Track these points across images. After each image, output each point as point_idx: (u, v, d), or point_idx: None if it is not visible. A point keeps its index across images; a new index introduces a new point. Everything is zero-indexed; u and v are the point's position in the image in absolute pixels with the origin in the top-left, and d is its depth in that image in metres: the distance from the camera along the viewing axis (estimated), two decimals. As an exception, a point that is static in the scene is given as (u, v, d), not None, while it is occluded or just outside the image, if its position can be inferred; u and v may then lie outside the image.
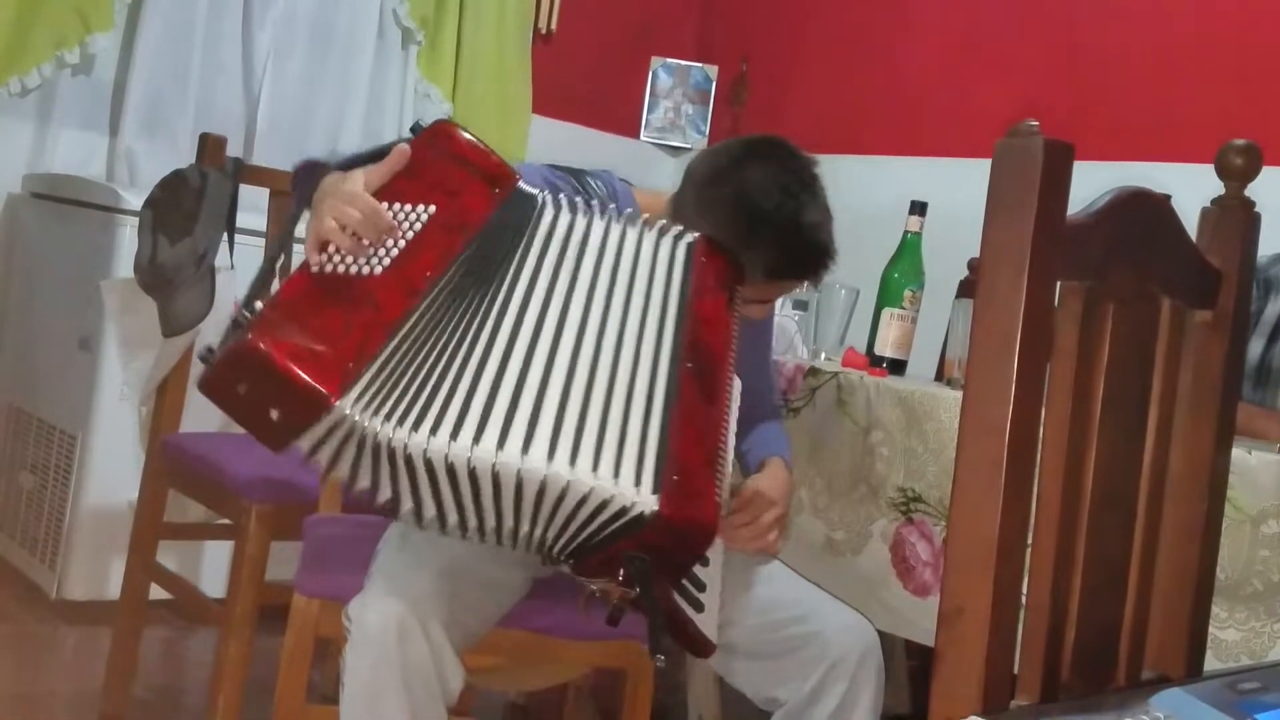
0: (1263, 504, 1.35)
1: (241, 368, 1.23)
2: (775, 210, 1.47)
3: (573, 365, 1.30)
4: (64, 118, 2.92)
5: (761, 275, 1.49)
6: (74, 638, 2.52)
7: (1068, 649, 0.98)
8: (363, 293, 1.27)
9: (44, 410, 2.73)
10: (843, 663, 1.47)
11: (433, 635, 1.33)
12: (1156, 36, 2.79)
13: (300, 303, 1.26)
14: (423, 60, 3.36)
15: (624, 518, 1.25)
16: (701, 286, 1.41)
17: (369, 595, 1.35)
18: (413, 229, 1.32)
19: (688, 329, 1.37)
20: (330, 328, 1.24)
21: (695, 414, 1.32)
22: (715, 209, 1.48)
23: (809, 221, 1.49)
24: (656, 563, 1.28)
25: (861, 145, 3.33)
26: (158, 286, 2.12)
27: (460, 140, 1.39)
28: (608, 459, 1.25)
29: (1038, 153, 0.88)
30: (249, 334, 1.21)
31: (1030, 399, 0.88)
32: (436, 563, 1.39)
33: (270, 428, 1.25)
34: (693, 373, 1.35)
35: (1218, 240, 1.11)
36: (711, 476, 1.30)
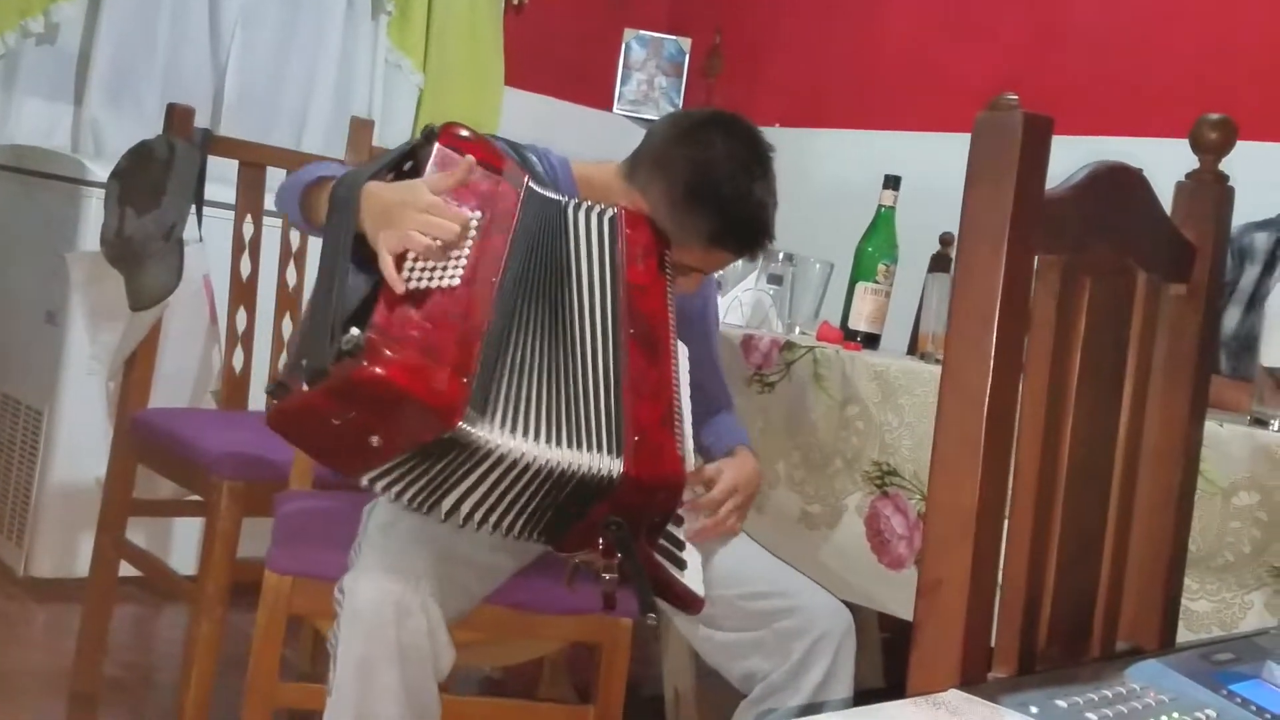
0: (1234, 476, 1.36)
1: (356, 396, 1.22)
2: (728, 179, 1.50)
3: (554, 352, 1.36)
4: (28, 87, 2.87)
5: (702, 240, 1.52)
6: (43, 615, 2.50)
7: (1044, 620, 0.99)
8: (452, 304, 1.29)
9: (9, 385, 2.70)
10: (827, 638, 1.51)
11: (430, 612, 1.33)
12: (1132, 11, 2.79)
13: (399, 323, 1.25)
14: (393, 30, 3.32)
15: (593, 485, 1.30)
16: (631, 255, 1.46)
17: (365, 571, 1.35)
18: (470, 236, 1.34)
19: (624, 298, 1.42)
20: (435, 344, 1.25)
21: (644, 376, 1.39)
22: (672, 167, 1.52)
23: (757, 198, 1.52)
24: (632, 523, 1.32)
25: (836, 119, 3.32)
26: (125, 259, 2.09)
27: (478, 144, 1.42)
28: (575, 434, 1.31)
29: (1017, 126, 0.87)
30: (364, 361, 1.19)
31: (1009, 371, 0.88)
32: (434, 543, 1.39)
33: (363, 455, 1.26)
34: (635, 338, 1.41)
35: (1192, 214, 1.11)
36: (670, 432, 1.37)
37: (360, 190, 1.33)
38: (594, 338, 1.39)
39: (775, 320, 2.20)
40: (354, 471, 1.29)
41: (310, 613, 1.66)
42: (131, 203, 2.08)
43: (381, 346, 1.21)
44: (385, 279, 1.27)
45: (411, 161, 1.42)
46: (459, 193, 1.35)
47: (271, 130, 3.12)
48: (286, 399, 1.25)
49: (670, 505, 1.38)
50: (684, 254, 1.53)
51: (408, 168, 1.42)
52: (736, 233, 1.52)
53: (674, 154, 1.53)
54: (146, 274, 2.07)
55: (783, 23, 3.54)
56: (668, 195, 1.51)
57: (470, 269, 1.31)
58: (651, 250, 1.49)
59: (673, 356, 1.44)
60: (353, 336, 1.20)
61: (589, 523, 1.33)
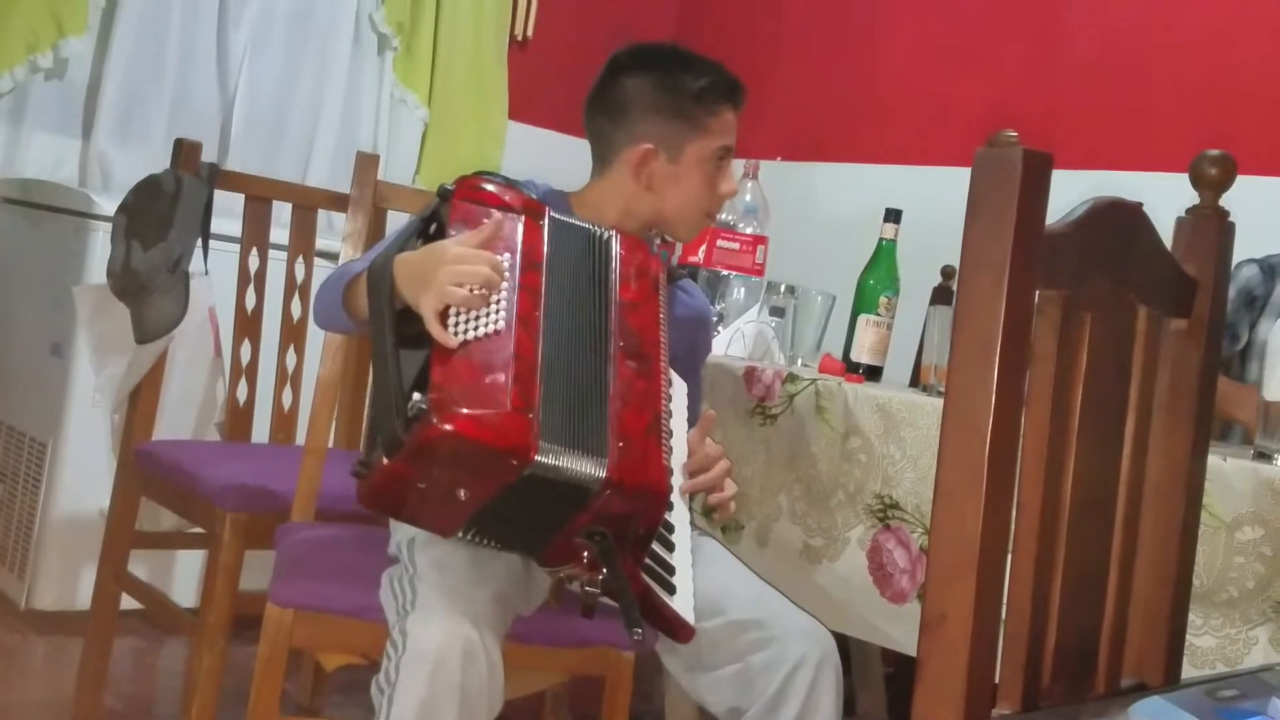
0: (1238, 510, 1.36)
1: (433, 455, 1.27)
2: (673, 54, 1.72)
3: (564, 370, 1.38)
4: (36, 121, 2.89)
5: (704, 107, 1.67)
6: (44, 648, 2.49)
7: (1048, 655, 0.98)
8: (502, 347, 1.33)
9: (14, 417, 2.70)
10: (802, 669, 1.48)
11: (491, 655, 1.33)
12: (1131, 46, 2.81)
13: (457, 377, 1.29)
14: (399, 66, 3.35)
15: (576, 489, 1.31)
16: (624, 275, 1.50)
17: (429, 613, 1.33)
18: (504, 278, 1.37)
19: (615, 315, 1.45)
20: (494, 389, 1.29)
21: (632, 388, 1.41)
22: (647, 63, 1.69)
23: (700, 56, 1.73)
24: (616, 535, 1.33)
25: (837, 153, 3.34)
26: (131, 292, 2.10)
27: (493, 190, 1.46)
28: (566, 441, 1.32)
29: (1017, 162, 0.88)
30: (433, 420, 1.24)
31: (1011, 406, 0.88)
32: (488, 582, 1.39)
33: (452, 508, 1.31)
34: (625, 352, 1.43)
35: (1193, 249, 1.12)
36: (656, 443, 1.38)
37: (391, 264, 1.37)
38: (588, 349, 1.41)
39: (777, 352, 2.20)
40: (451, 528, 1.35)
41: (312, 645, 1.65)
42: (138, 236, 2.09)
43: (445, 404, 1.26)
44: (435, 339, 1.31)
45: (435, 224, 1.45)
46: (498, 236, 1.39)
47: (277, 164, 3.14)
48: (371, 475, 1.31)
49: (655, 517, 1.37)
50: (718, 134, 1.68)
51: (433, 230, 1.45)
52: (728, 81, 1.70)
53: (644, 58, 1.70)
54: (152, 307, 2.08)
55: (783, 57, 3.57)
56: (654, 108, 1.65)
57: (511, 309, 1.35)
58: (645, 272, 1.52)
59: (662, 374, 1.46)
60: (415, 402, 1.26)
61: (570, 531, 1.34)
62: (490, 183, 1.47)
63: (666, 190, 1.69)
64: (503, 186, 1.48)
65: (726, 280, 2.33)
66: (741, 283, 2.32)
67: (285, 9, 3.17)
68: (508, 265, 1.38)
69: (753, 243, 2.43)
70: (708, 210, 1.74)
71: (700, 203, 1.71)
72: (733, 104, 1.71)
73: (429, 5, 3.32)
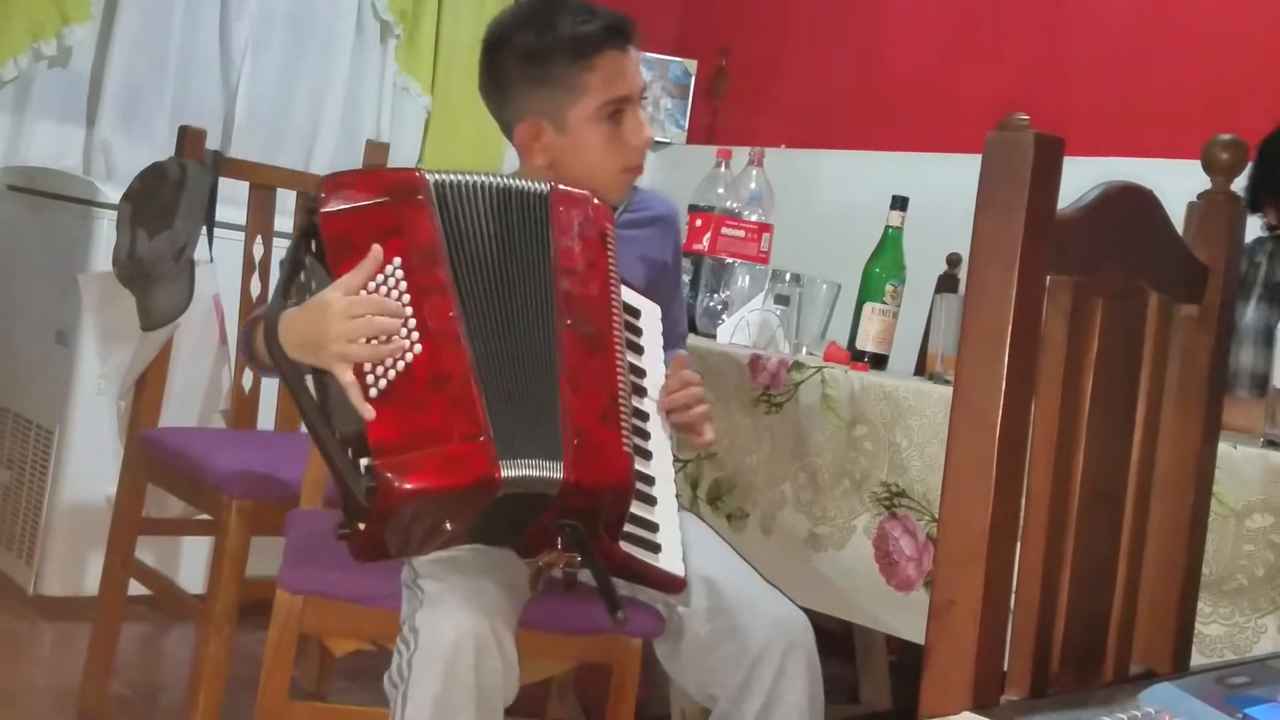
0: (1247, 498, 1.35)
1: (403, 514, 1.27)
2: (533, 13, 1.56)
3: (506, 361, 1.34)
4: (40, 110, 2.89)
5: (581, 64, 1.53)
6: (51, 633, 2.50)
7: (1057, 643, 0.98)
8: (427, 371, 1.27)
9: (20, 405, 2.70)
10: (765, 659, 1.43)
11: (505, 649, 1.32)
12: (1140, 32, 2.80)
13: (395, 429, 1.25)
14: (401, 54, 3.34)
15: (537, 495, 1.30)
16: (564, 236, 1.40)
17: (441, 608, 1.31)
18: (404, 290, 1.30)
19: (558, 285, 1.37)
20: (435, 427, 1.26)
21: (582, 371, 1.35)
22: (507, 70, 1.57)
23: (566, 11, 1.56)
24: (587, 524, 1.32)
25: (842, 140, 3.33)
26: (136, 280, 2.10)
27: (357, 182, 1.36)
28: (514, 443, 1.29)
29: (1028, 147, 0.88)
30: (388, 487, 1.23)
31: (1021, 393, 0.88)
32: (495, 574, 1.38)
33: (445, 538, 1.34)
34: (572, 329, 1.36)
35: (1204, 234, 1.11)
36: (614, 430, 1.34)
37: (277, 328, 1.31)
38: (530, 333, 1.36)
39: (782, 341, 2.20)
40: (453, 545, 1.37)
41: (321, 631, 1.65)
42: (143, 224, 2.09)
43: (393, 466, 1.23)
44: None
45: (315, 242, 1.36)
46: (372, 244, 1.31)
47: (280, 152, 3.14)
48: (354, 540, 1.31)
49: (622, 505, 1.35)
50: (598, 91, 1.54)
51: (315, 250, 1.36)
52: (586, 32, 1.53)
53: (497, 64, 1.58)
54: (158, 294, 2.08)
55: (788, 44, 3.55)
56: (526, 81, 1.55)
57: (421, 323, 1.28)
58: (589, 226, 1.42)
59: (617, 344, 1.39)
60: (362, 477, 1.24)
61: (541, 526, 1.33)
62: (348, 183, 1.35)
63: (567, 161, 1.57)
64: (365, 176, 1.39)
65: (731, 268, 2.32)
66: (746, 271, 2.31)
67: (288, -3, 3.17)
68: (395, 279, 1.30)
69: (757, 231, 2.42)
70: (624, 166, 1.60)
71: (609, 163, 1.58)
72: (614, 46, 1.54)
73: (432, -8, 3.31)
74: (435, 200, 1.36)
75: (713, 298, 2.28)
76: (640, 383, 1.46)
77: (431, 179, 1.37)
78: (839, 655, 1.56)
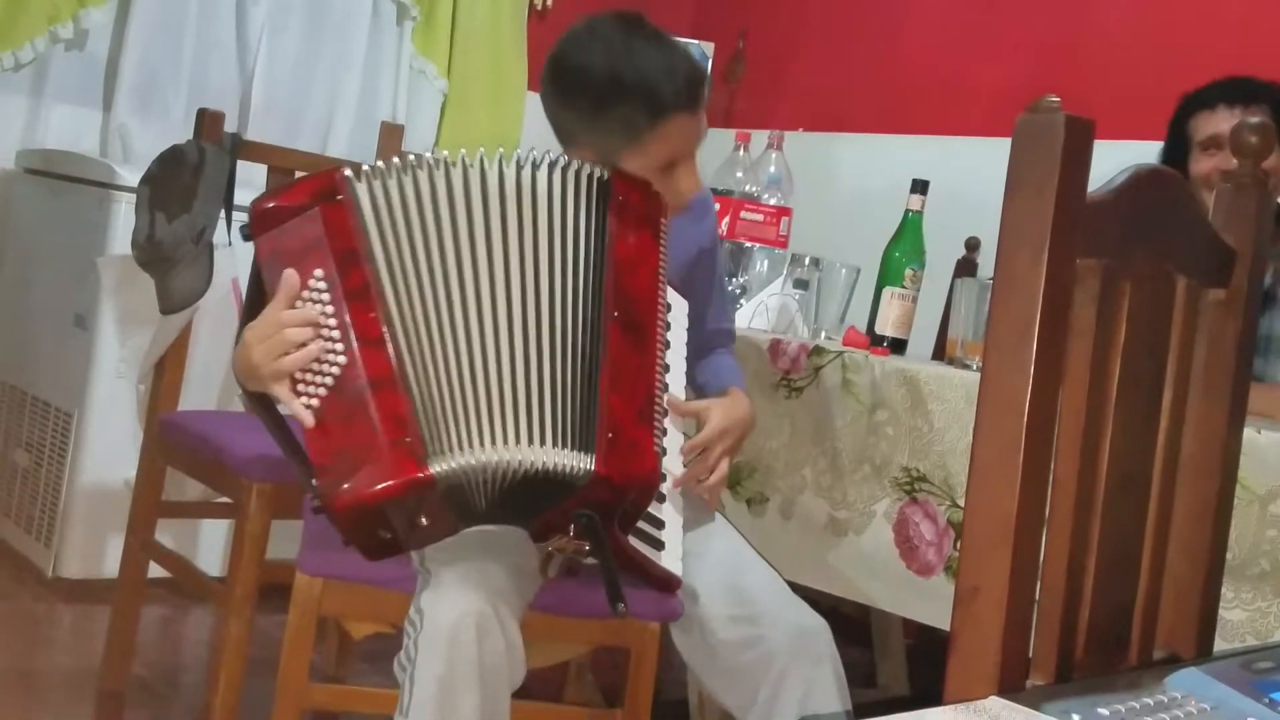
0: (1271, 483, 1.35)
1: (358, 523, 1.30)
2: (611, 65, 1.44)
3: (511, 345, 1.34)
4: (57, 93, 2.89)
5: (651, 122, 1.42)
6: (71, 615, 2.52)
7: (1082, 628, 0.98)
8: (353, 384, 1.28)
9: (39, 388, 2.72)
10: (791, 673, 1.44)
11: (508, 629, 1.33)
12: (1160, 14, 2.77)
13: (329, 444, 1.28)
14: (418, 36, 3.33)
15: (565, 481, 1.31)
16: (621, 227, 1.39)
17: (443, 590, 1.33)
18: (327, 302, 1.31)
19: (609, 277, 1.37)
20: (360, 438, 1.27)
21: (624, 367, 1.35)
22: (565, 99, 1.48)
23: (647, 58, 1.44)
24: (605, 516, 1.33)
25: (860, 123, 3.31)
26: (155, 263, 2.11)
27: (277, 201, 1.35)
28: (546, 431, 1.31)
29: (1059, 129, 0.87)
30: (330, 502, 1.26)
31: (1049, 379, 0.88)
32: (502, 556, 1.39)
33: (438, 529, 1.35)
34: (619, 322, 1.36)
35: (1233, 219, 1.10)
36: (647, 428, 1.34)
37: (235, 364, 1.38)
38: (574, 321, 1.35)
39: (801, 325, 2.19)
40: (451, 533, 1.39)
41: (341, 614, 1.66)
42: (162, 207, 2.09)
43: (331, 483, 1.27)
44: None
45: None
46: (298, 256, 1.31)
47: (297, 136, 3.14)
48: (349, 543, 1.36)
49: (644, 501, 1.37)
50: (658, 150, 1.44)
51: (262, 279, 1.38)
52: (662, 97, 1.42)
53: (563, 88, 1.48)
54: (177, 278, 2.08)
55: (806, 27, 3.54)
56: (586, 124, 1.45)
57: (345, 329, 1.29)
58: (645, 219, 1.40)
59: (658, 340, 1.39)
60: (312, 497, 1.29)
61: (560, 511, 1.34)
62: (273, 199, 1.35)
63: None
64: (288, 188, 1.37)
65: (750, 252, 2.32)
66: (765, 255, 2.31)
67: (304, -22, 3.16)
68: (319, 290, 1.30)
69: (776, 215, 2.41)
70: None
71: None
72: (686, 109, 1.46)
73: (448, -25, 3.30)
74: (357, 197, 1.34)
75: (732, 282, 2.27)
76: (665, 379, 1.46)
77: (350, 175, 1.34)
78: (856, 640, 1.57)
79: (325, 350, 1.30)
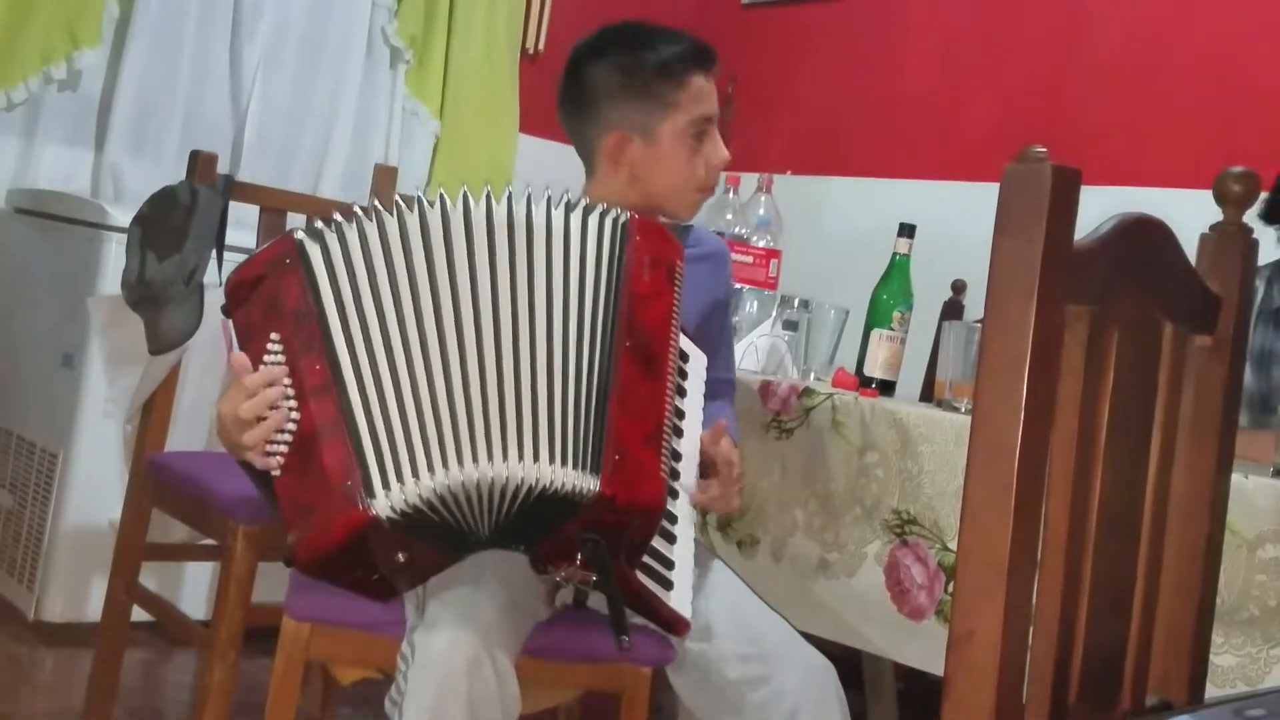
0: (1260, 528, 1.35)
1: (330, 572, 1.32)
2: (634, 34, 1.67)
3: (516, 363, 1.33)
4: (49, 132, 2.90)
5: (674, 80, 1.63)
6: (53, 659, 2.49)
7: (1074, 673, 0.98)
8: (306, 435, 1.30)
9: (24, 427, 2.70)
10: (803, 708, 1.45)
11: (499, 663, 1.32)
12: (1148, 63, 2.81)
13: (292, 499, 1.31)
14: (411, 78, 3.36)
15: (568, 501, 1.30)
16: (638, 264, 1.41)
17: (435, 624, 1.33)
18: (283, 363, 1.32)
19: (624, 308, 1.38)
20: (317, 482, 1.28)
21: (634, 393, 1.34)
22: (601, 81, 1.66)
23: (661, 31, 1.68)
24: (610, 543, 1.31)
25: (849, 167, 3.34)
26: (145, 303, 2.10)
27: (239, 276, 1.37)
28: (553, 448, 1.30)
29: (1046, 178, 0.88)
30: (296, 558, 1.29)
31: (1040, 422, 0.88)
32: (496, 593, 1.38)
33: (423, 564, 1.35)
34: (631, 351, 1.36)
35: (1217, 266, 1.12)
36: (654, 454, 1.33)
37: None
38: (585, 346, 1.36)
39: (791, 366, 2.20)
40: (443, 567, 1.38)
41: (329, 659, 1.65)
42: (153, 247, 2.09)
43: (294, 538, 1.28)
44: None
45: None
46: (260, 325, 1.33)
47: (290, 175, 3.15)
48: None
49: (649, 529, 1.35)
50: (691, 108, 1.64)
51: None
52: (689, 51, 1.64)
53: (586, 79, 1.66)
54: (167, 318, 2.08)
55: (796, 71, 3.57)
56: (619, 94, 1.64)
57: (299, 387, 1.30)
58: (660, 260, 1.43)
59: (669, 373, 1.39)
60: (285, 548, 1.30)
61: (563, 536, 1.33)
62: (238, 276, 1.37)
63: (651, 174, 1.67)
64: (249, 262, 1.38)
65: (740, 293, 2.32)
66: (755, 296, 2.32)
67: (299, 22, 3.18)
68: (276, 356, 1.32)
69: (766, 256, 2.43)
70: (700, 185, 1.70)
71: (690, 179, 1.68)
72: (702, 69, 1.66)
73: (441, 18, 3.33)
74: (307, 257, 1.35)
75: (722, 324, 2.28)
76: (679, 424, 1.46)
77: (302, 237, 1.36)
78: (848, 683, 1.55)
79: (287, 410, 1.31)
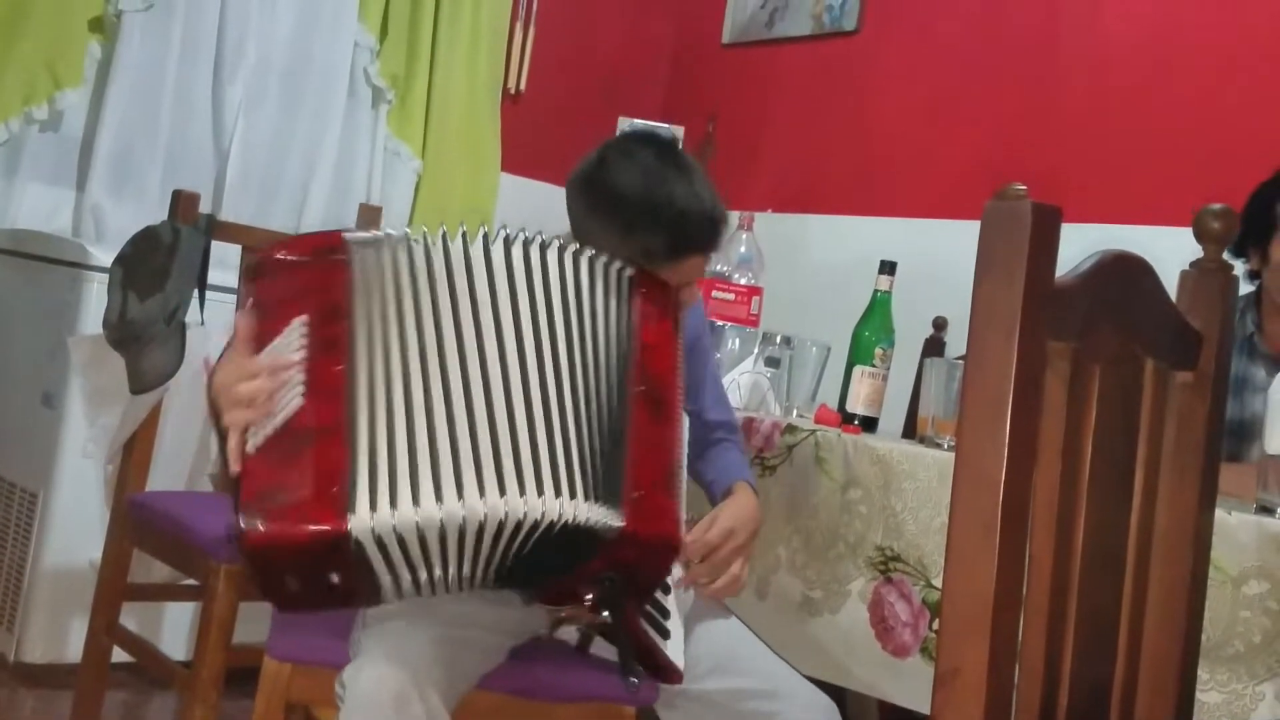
0: (1244, 564, 1.35)
1: (263, 566, 1.26)
2: (646, 196, 1.49)
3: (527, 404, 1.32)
4: (30, 172, 2.89)
5: (667, 257, 1.50)
6: (33, 701, 2.45)
7: (1061, 709, 0.98)
8: (300, 428, 1.27)
9: (4, 467, 2.68)
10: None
11: (429, 701, 1.31)
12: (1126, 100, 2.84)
13: (256, 484, 1.26)
14: (393, 118, 3.37)
15: (590, 535, 1.29)
16: (645, 314, 1.44)
17: (365, 661, 1.33)
18: (300, 348, 1.31)
19: (635, 355, 1.41)
20: (285, 480, 1.24)
21: (648, 435, 1.36)
22: (594, 213, 1.51)
23: (680, 195, 1.50)
24: (624, 583, 1.32)
25: (830, 205, 3.36)
26: (127, 342, 2.10)
27: (274, 253, 1.38)
28: (574, 485, 1.29)
29: (1026, 215, 0.89)
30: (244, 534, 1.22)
31: (1023, 459, 0.88)
32: (430, 629, 1.38)
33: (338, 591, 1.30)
34: (643, 396, 1.38)
35: (1197, 302, 1.13)
36: (670, 494, 1.35)
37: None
38: (602, 389, 1.37)
39: (773, 403, 2.20)
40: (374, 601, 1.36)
41: (309, 700, 1.63)
42: (135, 287, 2.09)
43: (249, 520, 1.23)
44: None
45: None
46: (285, 304, 1.33)
47: (272, 213, 3.15)
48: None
49: (664, 569, 1.37)
50: (670, 277, 1.51)
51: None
52: (686, 236, 1.50)
53: (589, 203, 1.53)
54: (148, 357, 2.07)
55: (776, 110, 3.60)
56: (612, 240, 1.49)
57: (309, 379, 1.28)
58: (666, 313, 1.47)
59: (678, 421, 1.42)
60: (229, 528, 1.26)
61: (579, 576, 1.32)
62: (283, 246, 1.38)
63: None
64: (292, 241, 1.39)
65: (721, 331, 2.33)
66: (736, 333, 2.33)
67: (281, 61, 3.19)
68: (294, 337, 1.31)
69: (747, 294, 2.44)
70: None
71: None
72: (702, 251, 1.55)
73: (423, 58, 3.35)
74: (353, 258, 1.36)
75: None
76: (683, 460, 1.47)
77: (351, 239, 1.37)
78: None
79: (286, 392, 1.28)
